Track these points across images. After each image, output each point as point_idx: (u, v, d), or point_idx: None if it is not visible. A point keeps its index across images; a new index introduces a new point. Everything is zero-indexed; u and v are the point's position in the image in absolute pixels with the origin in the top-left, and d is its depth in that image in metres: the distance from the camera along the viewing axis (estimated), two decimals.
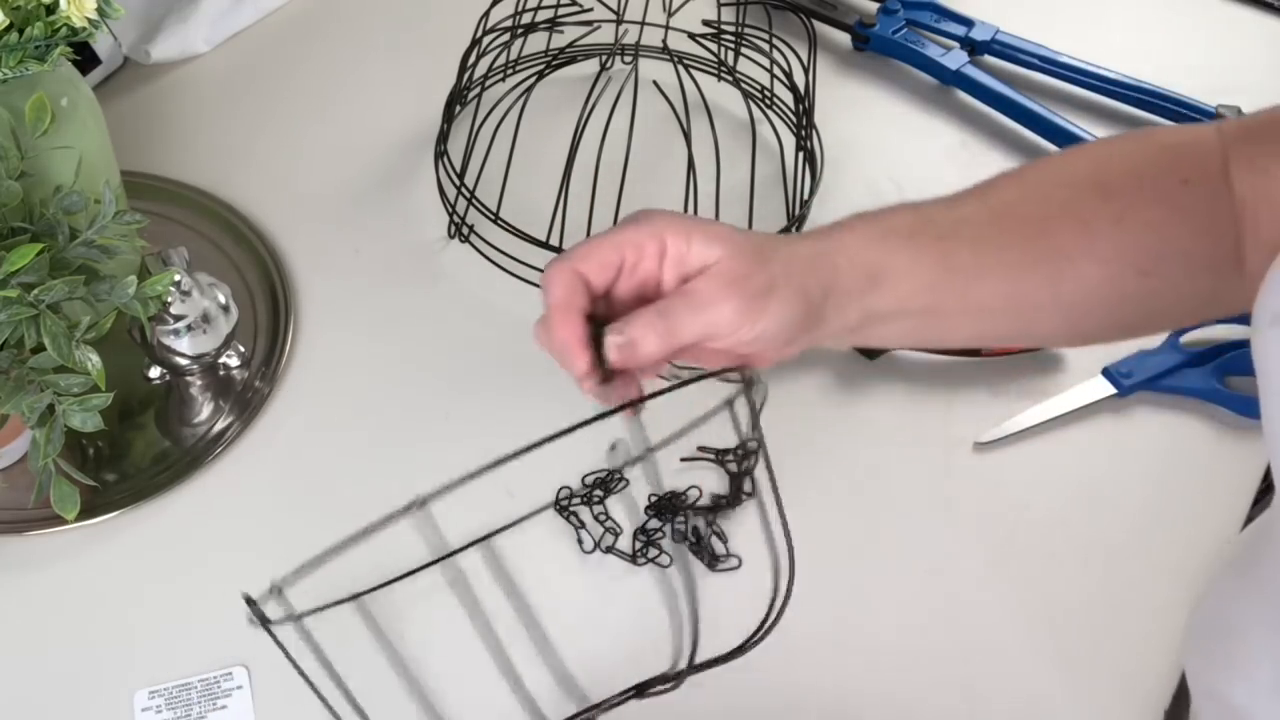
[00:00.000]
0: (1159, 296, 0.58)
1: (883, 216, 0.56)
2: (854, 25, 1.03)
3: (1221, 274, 0.59)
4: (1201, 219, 0.57)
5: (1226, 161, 0.58)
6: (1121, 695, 0.69)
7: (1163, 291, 0.58)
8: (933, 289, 0.55)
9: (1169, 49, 1.05)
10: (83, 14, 0.66)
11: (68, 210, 0.68)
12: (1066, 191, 0.57)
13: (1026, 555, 0.74)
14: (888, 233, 0.55)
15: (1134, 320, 0.60)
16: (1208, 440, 0.80)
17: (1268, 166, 0.57)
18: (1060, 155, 0.60)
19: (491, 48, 0.91)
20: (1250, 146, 0.58)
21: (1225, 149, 0.58)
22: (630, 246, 0.52)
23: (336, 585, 0.51)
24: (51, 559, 0.72)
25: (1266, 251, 0.58)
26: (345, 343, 0.83)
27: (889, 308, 0.55)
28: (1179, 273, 0.58)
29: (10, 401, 0.64)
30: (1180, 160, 0.58)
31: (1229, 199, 0.58)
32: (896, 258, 0.55)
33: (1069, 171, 0.58)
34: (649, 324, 0.51)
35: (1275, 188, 0.57)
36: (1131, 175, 0.57)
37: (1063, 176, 0.58)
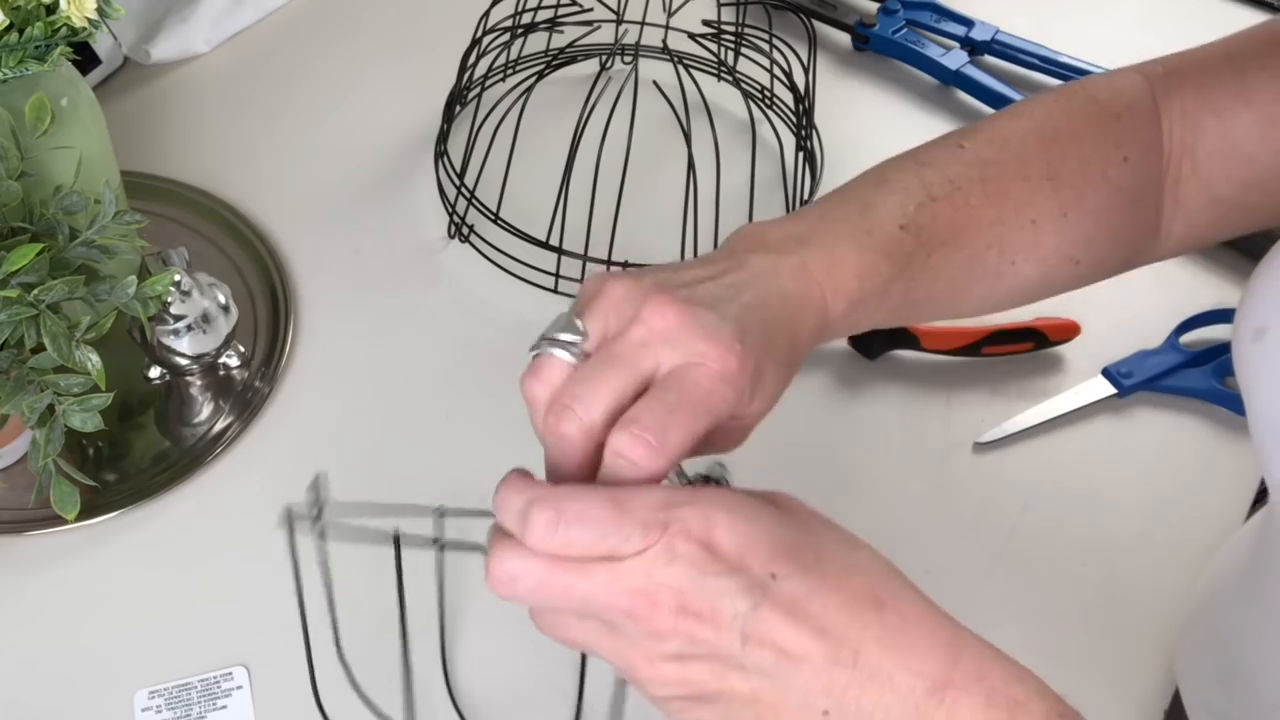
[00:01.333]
0: (1081, 277, 0.60)
1: (878, 266, 0.53)
2: (854, 25, 1.03)
3: (1139, 245, 0.60)
4: (1134, 195, 0.58)
5: (1159, 117, 0.58)
6: (1121, 695, 0.69)
7: (1085, 273, 0.59)
8: (875, 318, 0.55)
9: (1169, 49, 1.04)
10: (83, 14, 0.66)
11: (68, 210, 0.68)
12: (1022, 187, 0.57)
13: (1026, 555, 0.74)
14: (870, 293, 0.53)
15: (1049, 295, 0.61)
16: (1208, 440, 0.80)
17: (1202, 121, 0.57)
18: (1021, 123, 0.59)
19: (491, 48, 0.91)
20: (1183, 96, 0.58)
21: (1155, 99, 0.58)
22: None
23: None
24: (51, 559, 0.72)
25: (1183, 216, 0.58)
26: (345, 343, 0.83)
27: (831, 336, 0.55)
28: (1105, 253, 0.59)
29: (10, 401, 0.64)
30: (1121, 135, 0.58)
31: (1159, 166, 0.58)
32: (863, 313, 0.54)
33: (1027, 158, 0.57)
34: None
35: (1212, 145, 0.57)
36: (1079, 161, 0.57)
37: (1021, 167, 0.57)
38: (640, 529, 0.41)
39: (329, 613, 0.58)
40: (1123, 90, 0.59)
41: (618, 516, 0.41)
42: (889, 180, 0.56)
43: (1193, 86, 0.58)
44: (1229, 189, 0.57)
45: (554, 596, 0.42)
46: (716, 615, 0.41)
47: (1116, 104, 0.59)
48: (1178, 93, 0.58)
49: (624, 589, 0.41)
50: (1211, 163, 0.57)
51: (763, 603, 0.41)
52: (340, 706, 0.65)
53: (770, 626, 0.41)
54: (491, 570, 0.42)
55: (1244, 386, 0.51)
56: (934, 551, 0.74)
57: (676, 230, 0.82)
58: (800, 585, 0.42)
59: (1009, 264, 0.57)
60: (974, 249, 0.56)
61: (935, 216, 0.55)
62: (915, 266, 0.54)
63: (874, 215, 0.54)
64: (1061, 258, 0.58)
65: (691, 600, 0.41)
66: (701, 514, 0.41)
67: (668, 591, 0.41)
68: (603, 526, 0.41)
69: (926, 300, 0.56)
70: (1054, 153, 0.58)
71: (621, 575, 0.41)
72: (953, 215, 0.55)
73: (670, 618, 0.41)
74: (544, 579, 0.42)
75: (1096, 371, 0.82)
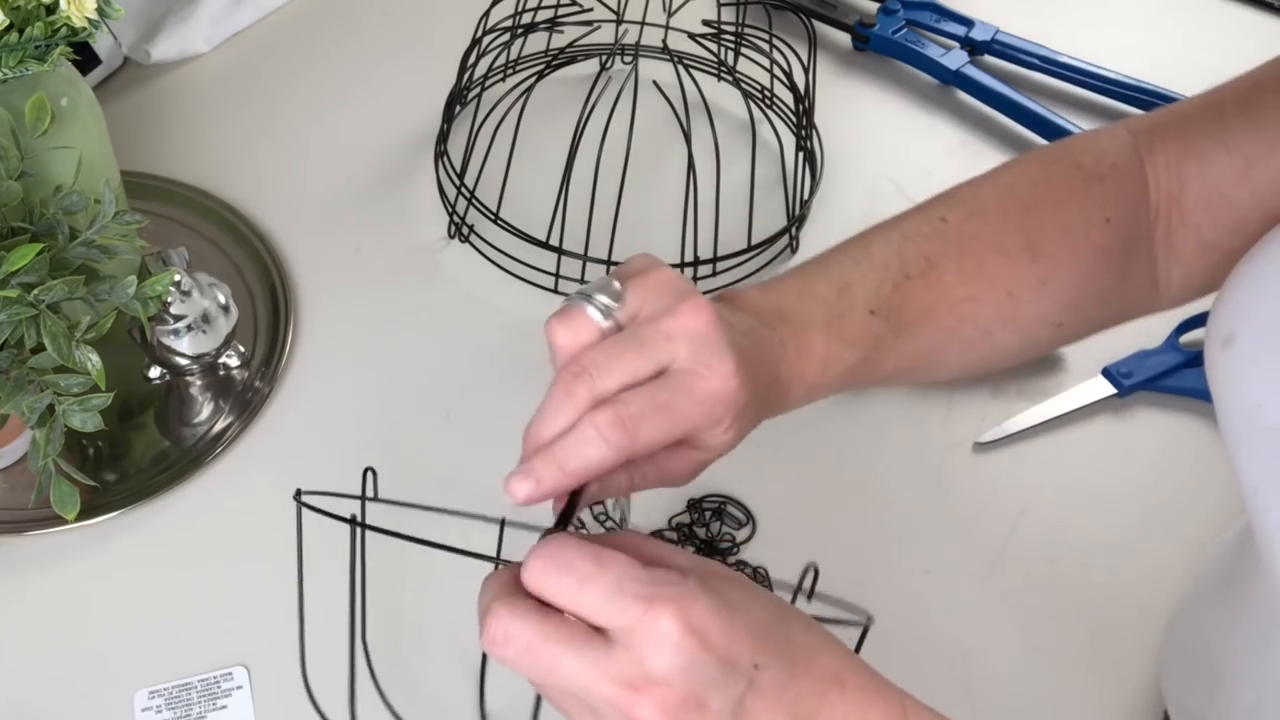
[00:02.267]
0: (1066, 337, 0.61)
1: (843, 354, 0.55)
2: (854, 25, 1.03)
3: (1133, 299, 0.61)
4: (1120, 253, 0.58)
5: (1144, 174, 0.58)
6: (1121, 696, 0.69)
7: (1069, 332, 0.61)
8: (851, 383, 0.56)
9: (1169, 49, 1.05)
10: (83, 14, 0.66)
11: (68, 210, 0.68)
12: (998, 260, 0.57)
13: (1026, 555, 0.74)
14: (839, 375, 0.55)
15: (1035, 356, 0.64)
16: (1208, 440, 0.80)
17: (1186, 169, 0.57)
18: (1001, 192, 0.59)
19: (491, 48, 0.91)
20: (1168, 149, 0.58)
21: (1141, 157, 0.59)
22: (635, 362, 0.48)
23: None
24: (51, 559, 0.72)
25: (1178, 264, 0.59)
26: (345, 343, 0.83)
27: (808, 401, 0.56)
28: (1092, 312, 0.60)
29: (10, 401, 0.64)
30: (1104, 196, 0.58)
31: (1147, 221, 0.58)
32: (834, 377, 0.55)
33: (1006, 230, 0.58)
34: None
35: (1196, 192, 0.57)
36: (1060, 228, 0.58)
37: (1000, 239, 0.58)
38: (625, 598, 0.41)
39: (355, 608, 0.58)
40: (1106, 150, 0.59)
41: (599, 574, 0.41)
42: (871, 255, 0.57)
43: (1176, 138, 0.58)
44: (1216, 234, 0.57)
45: (541, 667, 0.42)
46: (703, 707, 0.41)
47: (1100, 166, 0.59)
48: (1162, 145, 0.58)
49: (609, 676, 0.41)
50: (1197, 209, 0.57)
51: (748, 694, 0.42)
52: (335, 701, 0.65)
53: (755, 717, 0.42)
54: (485, 626, 0.42)
55: (1215, 393, 0.51)
56: (934, 551, 0.74)
57: (676, 230, 0.82)
58: (780, 673, 0.43)
59: (983, 335, 0.58)
60: (945, 324, 0.57)
61: (907, 298, 0.56)
62: (882, 348, 0.56)
63: (850, 298, 0.55)
64: (1042, 324, 0.58)
65: (679, 693, 0.41)
66: (684, 594, 0.41)
67: (655, 687, 0.41)
68: (586, 580, 0.42)
69: (894, 374, 0.58)
70: (1033, 221, 0.58)
71: (610, 661, 0.41)
72: (924, 295, 0.56)
73: (653, 712, 0.41)
74: (534, 645, 0.41)
75: (1096, 371, 0.82)
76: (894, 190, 0.93)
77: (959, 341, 0.58)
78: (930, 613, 0.72)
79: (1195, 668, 0.59)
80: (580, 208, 0.81)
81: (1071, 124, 0.95)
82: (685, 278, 0.51)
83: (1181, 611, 0.63)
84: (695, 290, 0.49)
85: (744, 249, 0.85)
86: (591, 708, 0.42)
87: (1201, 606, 0.60)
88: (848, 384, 0.56)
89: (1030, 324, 0.58)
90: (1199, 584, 0.62)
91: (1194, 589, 0.63)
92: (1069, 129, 0.94)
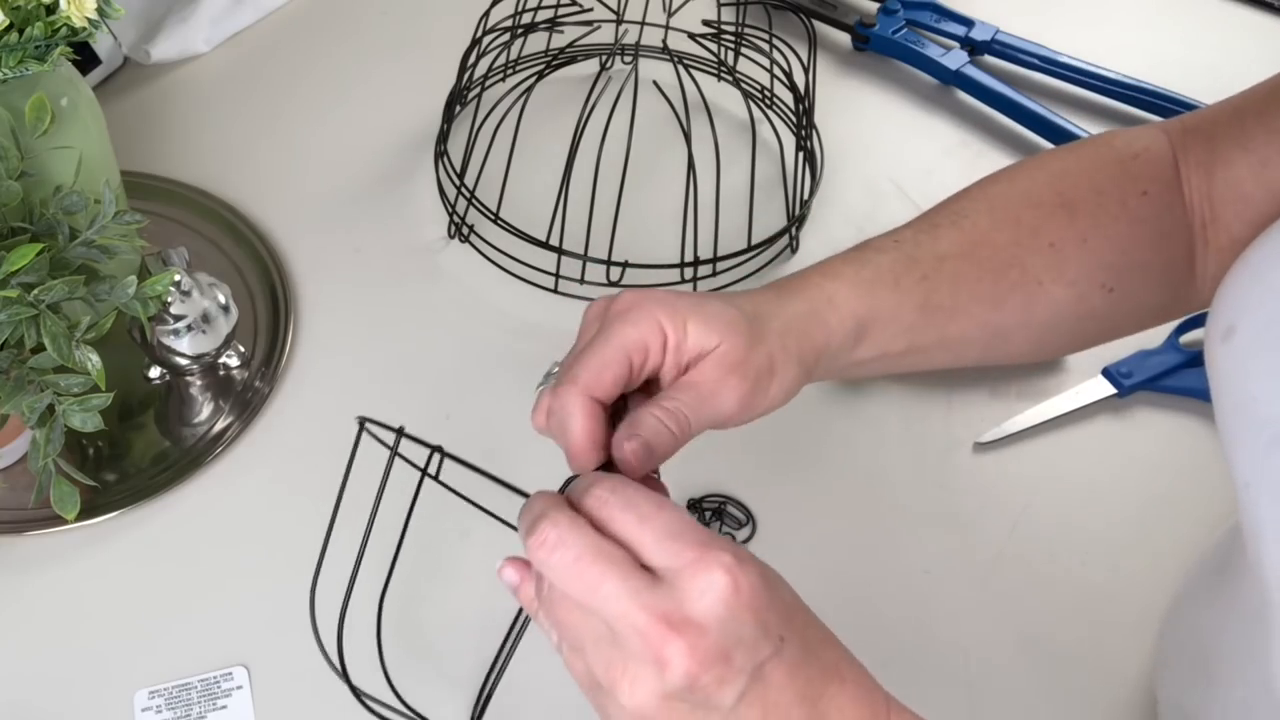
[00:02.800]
0: (1120, 309, 0.60)
1: (868, 257, 0.56)
2: (854, 25, 1.03)
3: (1176, 282, 0.61)
4: (1159, 229, 0.59)
5: (1177, 166, 0.59)
6: (1121, 694, 0.69)
7: (1124, 304, 0.60)
8: (913, 331, 0.56)
9: (1169, 49, 1.05)
10: (83, 14, 0.66)
11: (68, 210, 0.68)
12: (1034, 213, 0.58)
13: (1026, 555, 0.74)
14: (874, 281, 0.55)
15: (1096, 333, 0.62)
16: (1207, 440, 0.80)
17: (1213, 169, 0.59)
18: (1025, 167, 0.61)
19: (491, 48, 0.91)
20: (1197, 148, 0.60)
21: (1175, 152, 0.60)
22: (636, 350, 0.50)
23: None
24: (52, 559, 0.72)
25: (1214, 255, 0.59)
26: (345, 343, 0.83)
27: (873, 354, 0.56)
28: (1139, 285, 0.59)
29: (10, 401, 0.64)
30: (1138, 171, 0.59)
31: (1182, 206, 0.60)
32: (882, 306, 0.55)
33: (1035, 190, 0.59)
34: (659, 428, 0.49)
35: (1220, 190, 0.59)
36: (1094, 191, 0.58)
37: (1030, 196, 0.59)
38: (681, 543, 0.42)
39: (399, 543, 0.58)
40: (1138, 137, 0.61)
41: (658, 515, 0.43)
42: (883, 239, 0.58)
43: (1204, 139, 0.60)
44: (1241, 230, 0.58)
45: (583, 581, 0.42)
46: (728, 662, 0.42)
47: (1133, 147, 0.60)
48: (1193, 146, 0.60)
49: (648, 607, 0.41)
50: (1224, 205, 0.59)
51: (769, 661, 0.43)
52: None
53: (767, 687, 0.43)
54: (538, 528, 0.43)
55: (1213, 386, 0.51)
56: (934, 551, 0.74)
57: (676, 230, 0.82)
58: (798, 653, 0.44)
59: (1035, 284, 0.57)
60: (991, 265, 0.56)
61: (939, 238, 0.56)
62: (923, 266, 0.55)
63: (865, 244, 0.56)
64: (1091, 283, 0.58)
65: (711, 641, 0.41)
66: (736, 555, 0.42)
67: (691, 630, 0.41)
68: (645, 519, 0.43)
69: (953, 307, 0.56)
70: (1066, 183, 0.58)
71: (653, 594, 0.42)
72: (958, 236, 0.56)
73: (681, 653, 0.41)
74: (583, 556, 0.42)
75: (1096, 371, 0.82)
76: (894, 190, 0.93)
77: (1011, 286, 0.57)
78: (930, 613, 0.72)
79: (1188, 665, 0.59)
80: (580, 208, 0.81)
81: (1071, 124, 0.95)
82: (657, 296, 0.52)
83: (1174, 609, 0.63)
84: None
85: (744, 249, 0.85)
86: (616, 638, 0.42)
87: (1193, 604, 0.60)
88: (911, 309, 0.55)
89: (1080, 280, 0.57)
90: (1190, 582, 0.63)
91: (1186, 587, 0.63)
92: (1069, 129, 0.94)
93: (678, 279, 0.84)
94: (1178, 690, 0.61)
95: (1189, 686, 0.59)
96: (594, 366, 0.49)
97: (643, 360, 0.50)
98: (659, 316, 0.50)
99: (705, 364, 0.50)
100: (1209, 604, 0.58)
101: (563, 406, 0.49)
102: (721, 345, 0.50)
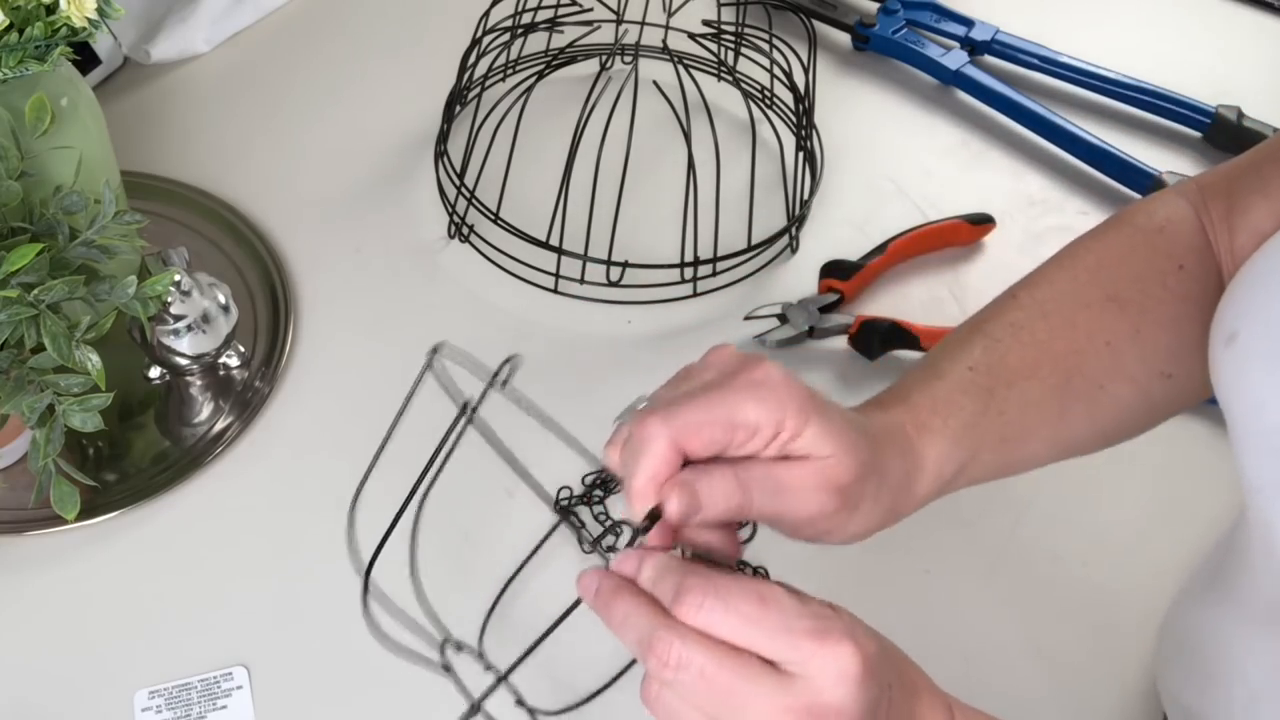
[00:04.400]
0: (1183, 391, 0.60)
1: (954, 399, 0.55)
2: (854, 25, 1.03)
3: None
4: (1203, 301, 0.58)
5: (1204, 229, 0.60)
6: (1122, 695, 0.69)
7: (1185, 385, 0.60)
8: (987, 467, 0.56)
9: (1169, 49, 1.05)
10: (83, 14, 0.66)
11: (68, 210, 0.68)
12: (1086, 315, 0.58)
13: (1027, 555, 0.74)
14: (960, 435, 0.55)
15: (1164, 417, 0.61)
16: (1208, 440, 0.80)
17: (1233, 220, 0.59)
18: (1062, 266, 0.60)
19: (491, 48, 0.91)
20: (1217, 205, 0.60)
21: (1198, 215, 0.60)
22: (745, 429, 0.46)
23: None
24: (51, 559, 0.72)
25: None
26: (345, 343, 0.83)
27: (957, 484, 0.56)
28: (1197, 363, 0.59)
29: (10, 401, 0.64)
30: (1168, 246, 0.59)
31: (1217, 269, 0.59)
32: (967, 459, 0.55)
33: (1080, 290, 0.59)
34: (727, 492, 0.46)
35: (1242, 240, 0.58)
36: (1134, 280, 0.58)
37: (1078, 297, 0.58)
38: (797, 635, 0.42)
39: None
40: (1157, 209, 0.61)
41: (764, 614, 0.43)
42: (947, 342, 0.58)
43: (1222, 194, 0.60)
44: None
45: (715, 694, 0.42)
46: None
47: (1154, 221, 0.60)
48: (1213, 203, 0.60)
49: (788, 706, 0.42)
50: (1246, 252, 0.58)
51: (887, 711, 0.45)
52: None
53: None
54: (656, 652, 0.43)
55: (1218, 392, 0.51)
56: (934, 551, 0.74)
57: (676, 230, 0.82)
58: (899, 690, 0.46)
59: (1097, 389, 0.57)
60: (1054, 380, 0.57)
61: (1005, 355, 0.56)
62: (998, 399, 0.55)
63: (939, 368, 0.56)
64: (1150, 374, 0.58)
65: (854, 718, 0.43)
66: (848, 626, 0.43)
67: (833, 713, 0.42)
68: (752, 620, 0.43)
69: (1024, 434, 0.56)
70: (1105, 276, 0.59)
71: (788, 692, 0.42)
72: (1022, 352, 0.56)
73: None
74: (708, 671, 0.42)
75: None
76: (894, 190, 0.93)
77: (1075, 397, 0.57)
78: (930, 613, 0.72)
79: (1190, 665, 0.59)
80: (580, 208, 0.81)
81: (1071, 124, 0.95)
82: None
83: (1176, 609, 0.63)
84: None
85: (744, 249, 0.85)
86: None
87: (1194, 604, 0.60)
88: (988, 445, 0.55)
89: (1139, 374, 0.58)
90: (1192, 582, 0.63)
91: (1187, 587, 0.63)
92: (1069, 129, 0.94)
93: (678, 279, 0.84)
94: (1180, 689, 0.61)
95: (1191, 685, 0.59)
96: (695, 419, 0.46)
97: (746, 440, 0.47)
98: (789, 409, 0.47)
99: (805, 466, 0.48)
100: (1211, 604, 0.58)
101: (643, 440, 0.46)
102: (832, 458, 0.48)
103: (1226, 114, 0.96)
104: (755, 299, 0.85)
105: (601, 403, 0.57)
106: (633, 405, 0.50)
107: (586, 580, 0.46)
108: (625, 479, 0.47)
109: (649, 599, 0.44)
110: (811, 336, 0.83)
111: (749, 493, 0.46)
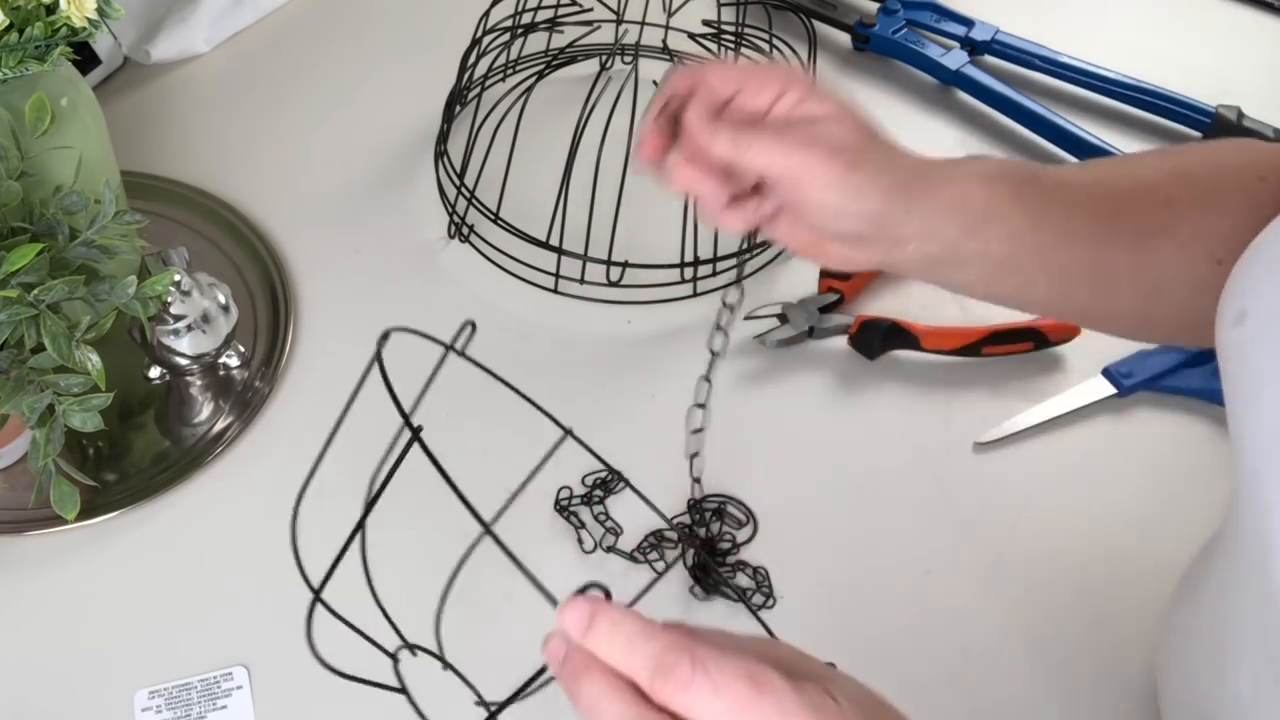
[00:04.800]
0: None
1: (990, 160, 0.59)
2: (854, 25, 1.03)
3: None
4: (1274, 214, 0.57)
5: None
6: (1122, 694, 0.69)
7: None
8: (1018, 240, 0.56)
9: (1169, 49, 1.05)
10: (83, 14, 0.66)
11: (68, 210, 0.68)
12: (1155, 174, 0.59)
13: (1026, 555, 0.74)
14: (994, 177, 0.57)
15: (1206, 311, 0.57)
16: (1208, 440, 0.80)
17: None
18: (1151, 150, 0.64)
19: (491, 48, 0.91)
20: None
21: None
22: (754, 77, 0.55)
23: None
24: (51, 559, 0.72)
25: None
26: (345, 343, 0.82)
27: (972, 249, 0.56)
28: None
29: (10, 401, 0.64)
30: (1257, 161, 0.59)
31: None
32: (995, 200, 0.56)
33: (1157, 160, 0.61)
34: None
35: None
36: (1213, 166, 0.59)
37: (1151, 164, 0.60)
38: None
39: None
40: (1254, 141, 0.62)
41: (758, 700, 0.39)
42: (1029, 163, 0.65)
43: None
44: None
45: None
46: None
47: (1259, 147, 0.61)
48: None
49: None
50: None
51: None
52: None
53: None
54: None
55: (1224, 372, 0.50)
56: (934, 551, 0.74)
57: (676, 230, 0.82)
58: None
59: (1147, 232, 0.58)
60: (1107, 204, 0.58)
61: (1063, 171, 0.59)
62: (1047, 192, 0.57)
63: (986, 158, 0.61)
64: (1201, 250, 0.57)
65: None
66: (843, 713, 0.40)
67: None
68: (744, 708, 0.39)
69: (1065, 233, 0.57)
70: (1186, 157, 0.60)
71: None
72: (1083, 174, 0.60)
73: None
74: None
75: (1096, 371, 0.82)
76: None
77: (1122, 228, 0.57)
78: (930, 613, 0.72)
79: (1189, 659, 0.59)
80: (580, 208, 0.81)
81: (1071, 124, 0.95)
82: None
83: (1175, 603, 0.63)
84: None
85: (744, 249, 0.85)
86: None
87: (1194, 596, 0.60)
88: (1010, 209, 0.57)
89: (1189, 243, 0.57)
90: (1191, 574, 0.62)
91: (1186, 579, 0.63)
92: (1069, 129, 0.94)
93: (678, 279, 0.84)
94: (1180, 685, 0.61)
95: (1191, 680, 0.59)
96: (715, 65, 0.55)
97: (755, 90, 0.55)
98: (795, 76, 0.55)
99: (812, 120, 0.55)
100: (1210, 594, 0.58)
101: (672, 81, 0.55)
102: (832, 117, 0.55)
103: (1226, 114, 0.96)
104: (755, 299, 0.85)
105: (601, 403, 0.57)
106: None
107: (553, 646, 0.42)
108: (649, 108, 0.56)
109: (623, 680, 0.40)
110: (811, 336, 0.83)
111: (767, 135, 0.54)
